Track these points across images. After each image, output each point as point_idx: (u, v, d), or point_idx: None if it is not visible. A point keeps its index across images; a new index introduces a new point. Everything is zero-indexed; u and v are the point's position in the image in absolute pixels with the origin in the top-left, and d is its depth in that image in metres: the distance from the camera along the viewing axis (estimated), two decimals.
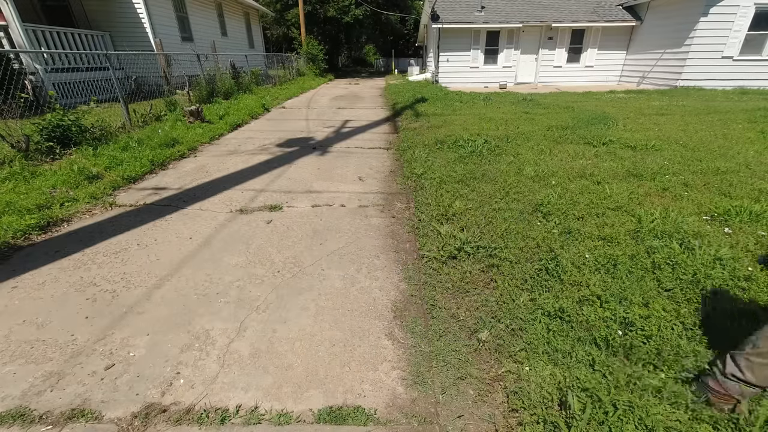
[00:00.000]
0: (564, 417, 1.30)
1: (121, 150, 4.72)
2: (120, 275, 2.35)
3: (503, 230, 2.66)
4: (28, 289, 2.21)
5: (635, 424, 1.24)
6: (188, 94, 8.63)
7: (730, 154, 4.32)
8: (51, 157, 4.45)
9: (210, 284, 2.26)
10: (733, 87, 11.19)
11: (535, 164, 4.10)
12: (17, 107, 4.93)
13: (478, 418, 1.40)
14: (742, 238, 2.43)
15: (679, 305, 1.83)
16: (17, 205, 3.06)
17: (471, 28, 13.96)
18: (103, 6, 10.41)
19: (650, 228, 2.55)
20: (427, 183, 3.72)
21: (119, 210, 3.31)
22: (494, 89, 13.45)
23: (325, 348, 1.76)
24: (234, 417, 1.41)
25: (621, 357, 1.55)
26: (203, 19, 14.01)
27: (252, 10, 19.17)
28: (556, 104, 8.76)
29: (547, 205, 3.00)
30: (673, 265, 2.11)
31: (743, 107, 7.62)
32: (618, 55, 14.51)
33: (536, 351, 1.63)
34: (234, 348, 1.76)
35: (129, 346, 1.77)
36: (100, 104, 6.48)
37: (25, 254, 2.58)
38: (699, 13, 10.63)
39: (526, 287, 2.06)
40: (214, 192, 3.74)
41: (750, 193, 3.17)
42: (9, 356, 1.70)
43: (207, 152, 5.30)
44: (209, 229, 2.95)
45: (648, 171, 3.78)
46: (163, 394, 1.51)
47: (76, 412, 1.42)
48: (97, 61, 8.98)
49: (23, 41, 7.35)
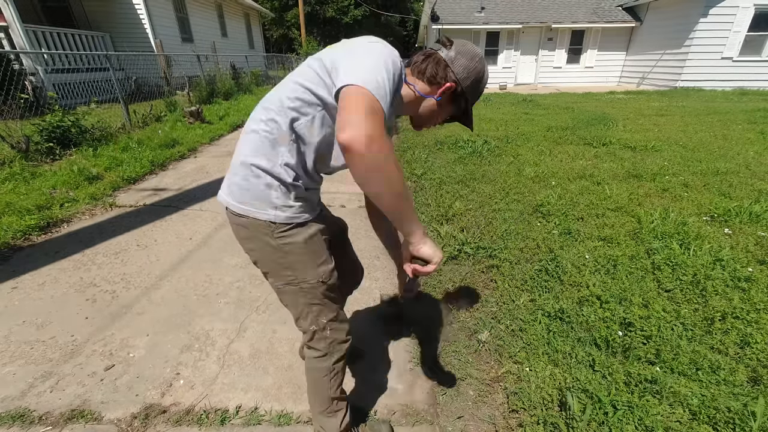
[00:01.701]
0: (564, 418, 1.30)
1: (121, 151, 4.72)
2: (120, 276, 2.34)
3: (503, 231, 2.66)
4: (28, 289, 2.21)
5: (635, 425, 1.24)
6: (188, 95, 8.63)
7: (729, 155, 4.32)
8: (51, 158, 4.45)
9: (210, 285, 2.26)
10: (732, 88, 11.21)
11: (535, 165, 4.10)
12: (17, 108, 4.93)
13: (478, 419, 1.40)
14: (742, 239, 2.43)
15: (680, 306, 1.83)
16: (17, 206, 3.06)
17: (471, 29, 13.97)
18: (104, 7, 10.42)
19: (650, 229, 2.55)
20: (427, 184, 3.72)
21: (119, 210, 3.31)
22: (494, 90, 13.46)
23: None
24: (234, 418, 1.41)
25: (620, 357, 1.55)
26: (203, 20, 14.02)
27: (252, 10, 19.19)
28: (556, 105, 8.76)
29: (547, 205, 3.00)
30: (673, 266, 2.11)
31: (743, 108, 7.64)
32: (618, 56, 14.53)
33: (536, 352, 1.63)
34: (234, 348, 1.76)
35: (129, 347, 1.77)
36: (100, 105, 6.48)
37: (25, 255, 2.58)
38: (698, 14, 10.65)
39: (526, 288, 2.06)
40: (214, 192, 3.72)
41: (750, 193, 3.17)
42: (9, 357, 1.70)
43: (207, 153, 5.30)
44: (209, 230, 2.95)
45: (648, 172, 3.78)
46: (163, 395, 1.51)
47: (75, 412, 1.42)
48: (97, 62, 8.98)
49: (24, 42, 7.35)
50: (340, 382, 1.17)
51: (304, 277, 0.99)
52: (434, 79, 0.96)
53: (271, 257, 0.98)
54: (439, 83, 0.96)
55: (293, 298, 1.04)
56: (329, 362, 1.11)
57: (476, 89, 0.99)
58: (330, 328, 1.08)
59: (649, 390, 1.37)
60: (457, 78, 0.95)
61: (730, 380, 1.41)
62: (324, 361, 1.11)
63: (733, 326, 1.66)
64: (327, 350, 1.10)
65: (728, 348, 1.56)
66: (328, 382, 1.14)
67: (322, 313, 1.06)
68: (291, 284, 1.00)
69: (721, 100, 8.94)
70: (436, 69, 0.95)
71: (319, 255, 1.01)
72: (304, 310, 1.05)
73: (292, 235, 0.95)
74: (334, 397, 1.17)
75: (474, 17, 14.02)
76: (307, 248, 0.98)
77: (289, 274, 0.99)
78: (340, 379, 1.17)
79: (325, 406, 1.18)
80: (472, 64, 0.95)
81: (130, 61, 8.69)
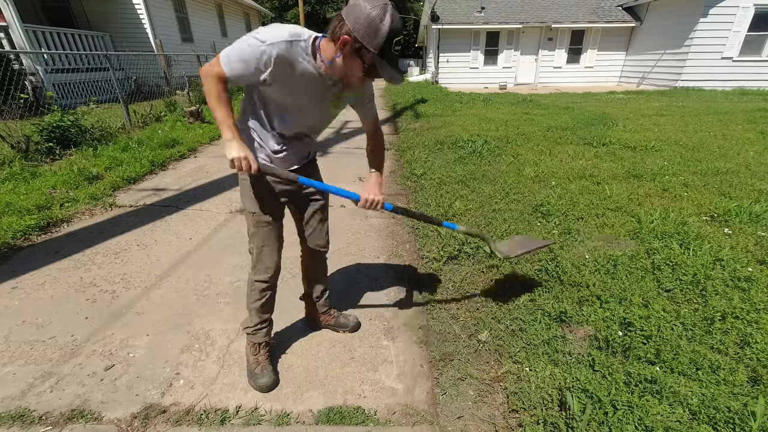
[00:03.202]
0: (564, 418, 1.30)
1: (121, 150, 4.72)
2: (120, 276, 2.34)
3: (503, 231, 2.66)
4: (28, 289, 2.21)
5: (635, 425, 1.24)
6: (188, 95, 8.63)
7: (729, 155, 4.32)
8: (51, 158, 4.45)
9: (210, 284, 2.26)
10: (732, 88, 11.21)
11: (535, 165, 4.10)
12: (17, 108, 4.93)
13: (478, 419, 1.40)
14: (742, 239, 2.43)
15: (680, 306, 1.83)
16: (17, 206, 3.06)
17: (471, 28, 13.97)
18: (104, 7, 10.42)
19: (650, 228, 2.55)
20: (427, 183, 3.72)
21: (119, 210, 3.31)
22: (494, 90, 13.47)
23: (325, 348, 1.76)
24: (234, 418, 1.41)
25: (620, 357, 1.55)
26: (203, 20, 14.02)
27: (252, 10, 19.19)
28: (556, 105, 8.76)
29: (547, 205, 3.00)
30: (673, 266, 2.11)
31: (743, 108, 7.64)
32: (618, 55, 14.52)
33: (536, 351, 1.63)
34: (234, 348, 1.76)
35: (129, 347, 1.77)
36: (100, 105, 6.49)
37: (25, 255, 2.58)
38: (698, 13, 10.65)
39: (526, 288, 2.06)
40: (214, 192, 3.74)
41: (750, 193, 3.17)
42: (9, 357, 1.70)
43: (207, 153, 5.30)
44: (209, 230, 2.95)
45: (648, 171, 3.78)
46: (163, 395, 1.51)
47: (75, 412, 1.42)
48: (97, 62, 8.98)
49: (23, 42, 7.36)
50: (256, 298, 1.50)
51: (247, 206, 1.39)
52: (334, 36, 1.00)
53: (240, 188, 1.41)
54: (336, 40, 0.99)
55: (246, 221, 1.45)
56: (252, 278, 1.50)
57: (374, 37, 0.95)
58: (256, 252, 1.45)
59: (649, 390, 1.37)
60: (351, 29, 0.95)
61: (730, 380, 1.41)
62: (250, 274, 1.51)
63: (733, 326, 1.66)
64: (253, 267, 1.49)
65: (728, 348, 1.56)
66: (249, 293, 1.53)
67: (255, 237, 1.44)
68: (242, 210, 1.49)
69: (721, 100, 8.94)
70: (335, 26, 0.99)
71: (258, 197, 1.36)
72: (248, 231, 1.45)
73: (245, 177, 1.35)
74: (251, 307, 1.53)
75: (474, 17, 14.01)
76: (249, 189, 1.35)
77: (243, 202, 1.42)
78: (256, 296, 1.50)
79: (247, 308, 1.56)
80: (365, 12, 0.93)
81: (130, 61, 8.69)
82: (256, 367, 1.55)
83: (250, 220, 1.41)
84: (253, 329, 1.56)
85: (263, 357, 1.58)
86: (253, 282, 1.49)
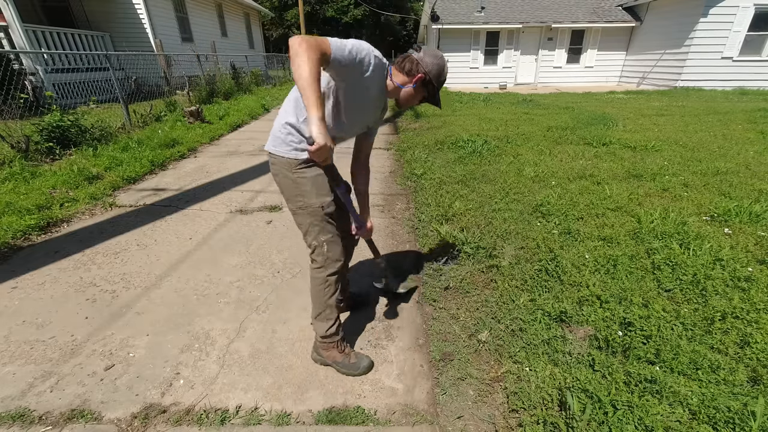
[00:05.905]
0: (564, 417, 1.30)
1: (121, 150, 4.72)
2: (120, 276, 2.34)
3: (503, 231, 2.66)
4: (28, 289, 2.21)
5: (635, 425, 1.24)
6: (188, 95, 8.63)
7: (729, 155, 4.32)
8: (51, 158, 4.44)
9: (210, 284, 2.26)
10: (732, 88, 11.21)
11: (535, 165, 4.10)
12: (17, 108, 4.93)
13: (478, 419, 1.40)
14: (742, 239, 2.42)
15: (679, 305, 1.83)
16: (17, 206, 3.06)
17: (471, 28, 13.97)
18: (103, 6, 10.41)
19: (650, 228, 2.55)
20: (426, 183, 3.72)
21: (119, 210, 3.31)
22: (494, 90, 13.47)
23: None
24: (234, 417, 1.41)
25: (620, 357, 1.55)
26: (203, 20, 14.02)
27: (252, 10, 19.19)
28: (556, 105, 8.77)
29: (547, 205, 3.00)
30: (673, 266, 2.11)
31: (743, 108, 7.64)
32: (618, 55, 14.53)
33: (536, 351, 1.63)
34: (234, 348, 1.76)
35: (129, 347, 1.77)
36: (100, 105, 6.49)
37: (24, 255, 2.58)
38: (699, 13, 10.65)
39: (526, 288, 2.06)
40: (214, 192, 3.74)
41: (750, 193, 3.17)
42: (9, 357, 1.70)
43: (207, 153, 5.30)
44: (209, 230, 2.95)
45: (648, 171, 3.78)
46: (163, 395, 1.51)
47: (75, 412, 1.42)
48: (97, 62, 8.98)
49: (23, 42, 7.35)
50: (332, 293, 1.52)
51: (310, 202, 1.40)
52: (410, 72, 1.38)
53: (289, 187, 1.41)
54: (414, 75, 1.38)
55: (302, 218, 1.44)
56: (324, 274, 1.49)
57: (439, 78, 1.40)
58: (326, 245, 1.46)
59: (649, 390, 1.37)
60: (426, 70, 1.36)
61: (729, 380, 1.41)
62: (320, 272, 1.50)
63: (733, 326, 1.66)
64: (323, 263, 1.48)
65: (728, 348, 1.56)
66: (323, 291, 1.51)
67: (321, 232, 1.44)
68: (301, 207, 1.41)
69: (721, 100, 8.94)
70: (411, 65, 1.38)
71: (321, 188, 1.40)
72: (309, 229, 1.45)
73: (306, 172, 1.38)
74: (328, 304, 1.53)
75: (474, 17, 14.01)
76: (314, 182, 1.39)
77: (300, 200, 1.41)
78: (332, 290, 1.51)
79: (318, 311, 1.55)
80: (436, 60, 1.37)
81: (129, 61, 8.69)
82: (351, 359, 1.61)
83: (314, 216, 1.42)
84: (336, 327, 1.57)
85: (348, 347, 1.65)
86: (326, 278, 1.50)
